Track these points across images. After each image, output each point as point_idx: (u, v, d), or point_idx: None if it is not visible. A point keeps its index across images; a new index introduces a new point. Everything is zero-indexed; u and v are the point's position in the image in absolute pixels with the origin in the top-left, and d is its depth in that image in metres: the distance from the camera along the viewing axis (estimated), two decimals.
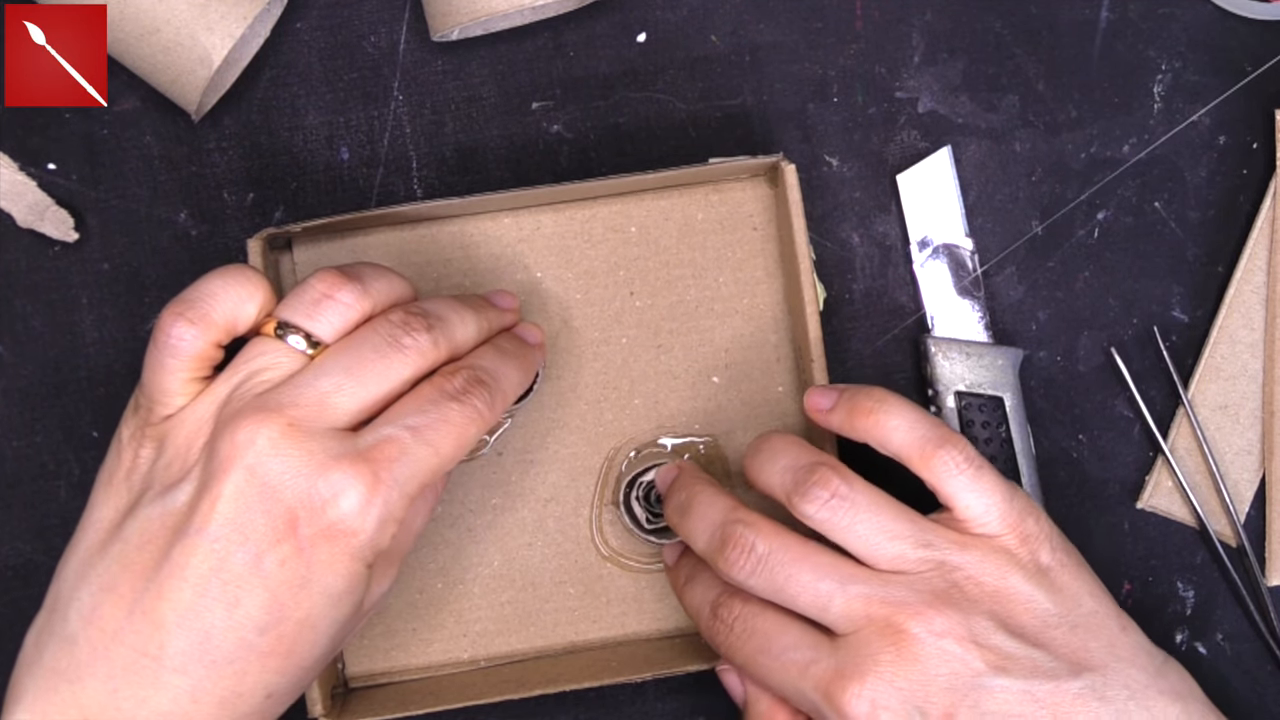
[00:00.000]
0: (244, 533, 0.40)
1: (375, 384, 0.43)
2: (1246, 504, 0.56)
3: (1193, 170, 0.57)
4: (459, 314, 0.46)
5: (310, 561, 0.41)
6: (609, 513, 0.55)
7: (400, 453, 0.42)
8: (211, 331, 0.44)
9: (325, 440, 0.41)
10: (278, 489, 0.41)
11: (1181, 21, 0.57)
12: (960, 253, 0.56)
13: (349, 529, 0.41)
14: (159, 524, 0.41)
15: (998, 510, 0.45)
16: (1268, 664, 0.56)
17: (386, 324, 0.44)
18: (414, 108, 0.56)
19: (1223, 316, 0.56)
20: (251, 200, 0.56)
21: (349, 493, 0.41)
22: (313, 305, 0.44)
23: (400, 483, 0.42)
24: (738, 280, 0.55)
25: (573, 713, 0.56)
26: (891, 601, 0.44)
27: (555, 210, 0.55)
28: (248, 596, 0.40)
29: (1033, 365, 0.56)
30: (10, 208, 0.55)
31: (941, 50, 0.57)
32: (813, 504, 0.45)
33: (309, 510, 0.41)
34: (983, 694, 0.43)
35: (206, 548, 0.40)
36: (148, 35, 0.50)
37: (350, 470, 0.41)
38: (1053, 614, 0.45)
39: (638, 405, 0.55)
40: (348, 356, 0.43)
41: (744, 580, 0.46)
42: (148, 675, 0.40)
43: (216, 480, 0.41)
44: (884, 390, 0.47)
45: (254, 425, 0.41)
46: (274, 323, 0.44)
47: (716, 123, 0.56)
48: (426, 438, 0.42)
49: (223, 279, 0.44)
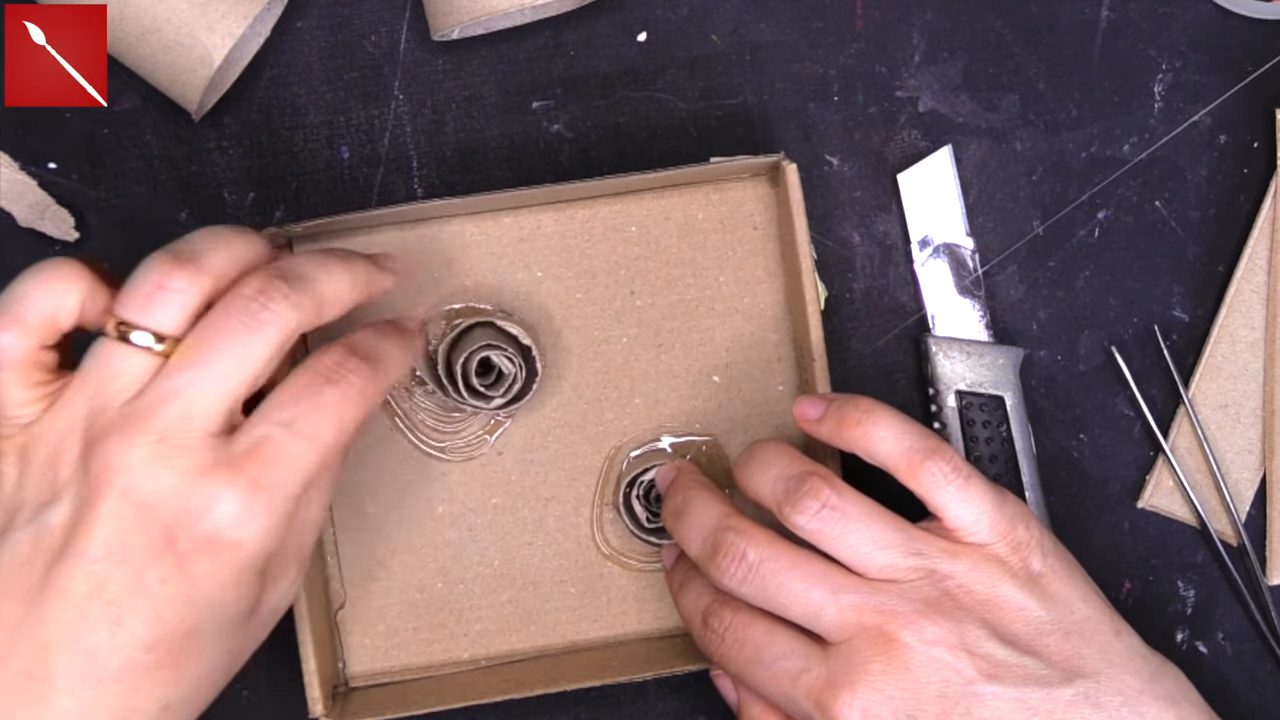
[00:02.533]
0: (122, 553, 0.40)
1: (237, 372, 0.41)
2: (1247, 503, 0.56)
3: (1193, 170, 0.57)
4: (323, 268, 0.43)
5: (192, 576, 0.40)
6: (609, 512, 0.55)
7: (275, 452, 0.40)
8: (30, 334, 0.41)
9: (198, 451, 0.40)
10: (154, 507, 0.40)
11: (1182, 21, 0.57)
12: (961, 252, 0.56)
13: (230, 540, 0.40)
14: (32, 547, 0.40)
15: (987, 519, 0.45)
16: (1268, 664, 0.56)
17: (239, 300, 0.41)
18: (414, 107, 0.56)
19: (1223, 316, 0.56)
20: (252, 200, 0.56)
21: (225, 503, 0.40)
22: (147, 299, 0.41)
23: (280, 484, 0.40)
24: (738, 280, 0.55)
25: (573, 713, 0.56)
26: (883, 610, 0.44)
27: (555, 210, 0.55)
28: (130, 615, 0.40)
29: (1033, 364, 0.56)
30: (10, 207, 0.55)
31: (942, 49, 0.57)
32: (803, 514, 0.45)
33: (185, 525, 0.40)
34: (975, 702, 0.43)
35: (86, 570, 0.40)
36: (148, 35, 0.50)
37: (224, 480, 0.40)
38: (1045, 621, 0.45)
39: (638, 405, 0.55)
40: (204, 349, 0.41)
41: (735, 588, 0.46)
42: (34, 698, 0.40)
43: (91, 505, 0.40)
44: (872, 400, 0.47)
45: (124, 445, 0.40)
46: (114, 321, 0.41)
47: (717, 122, 0.56)
48: (302, 430, 0.41)
49: (34, 277, 0.42)
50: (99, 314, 0.42)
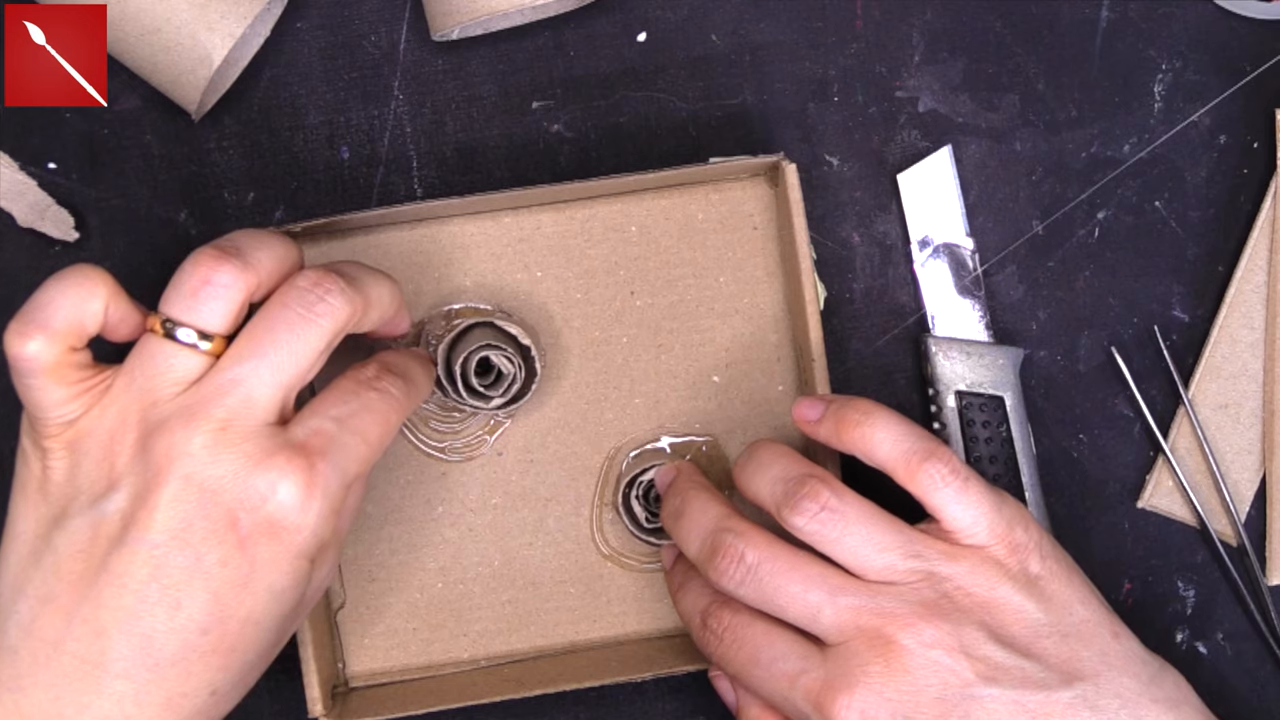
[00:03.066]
0: (183, 536, 0.40)
1: (294, 363, 0.42)
2: (1247, 503, 0.56)
3: (1193, 170, 0.57)
4: (369, 273, 0.46)
5: (253, 559, 0.41)
6: (609, 512, 0.55)
7: (331, 442, 0.42)
8: (57, 340, 0.42)
9: (258, 438, 0.41)
10: (216, 491, 0.41)
11: (1182, 21, 0.57)
12: (960, 252, 0.56)
13: (291, 524, 0.41)
14: (90, 533, 0.41)
15: (986, 521, 0.45)
16: (1268, 664, 0.56)
17: (296, 291, 0.43)
18: (414, 107, 0.56)
19: (1223, 316, 0.56)
20: (252, 200, 0.56)
21: (287, 487, 0.41)
22: (193, 295, 0.42)
23: (335, 473, 0.42)
24: (738, 280, 0.55)
25: (573, 713, 0.56)
26: (881, 612, 0.44)
27: (555, 210, 0.55)
28: (189, 598, 0.41)
29: (1033, 365, 0.56)
30: (10, 207, 0.55)
31: (942, 50, 0.57)
32: (802, 516, 0.45)
33: (248, 508, 0.41)
34: (973, 704, 0.43)
35: (145, 554, 0.40)
36: (148, 35, 0.50)
37: (286, 464, 0.41)
38: (1043, 623, 0.45)
39: (638, 405, 0.55)
40: (263, 339, 0.42)
41: (733, 589, 0.46)
42: (90, 681, 0.40)
43: (152, 489, 0.41)
44: (871, 402, 0.47)
45: (186, 432, 0.41)
46: (159, 319, 0.42)
47: (716, 122, 0.56)
48: (354, 426, 0.43)
49: (57, 284, 0.42)
50: (120, 320, 0.43)
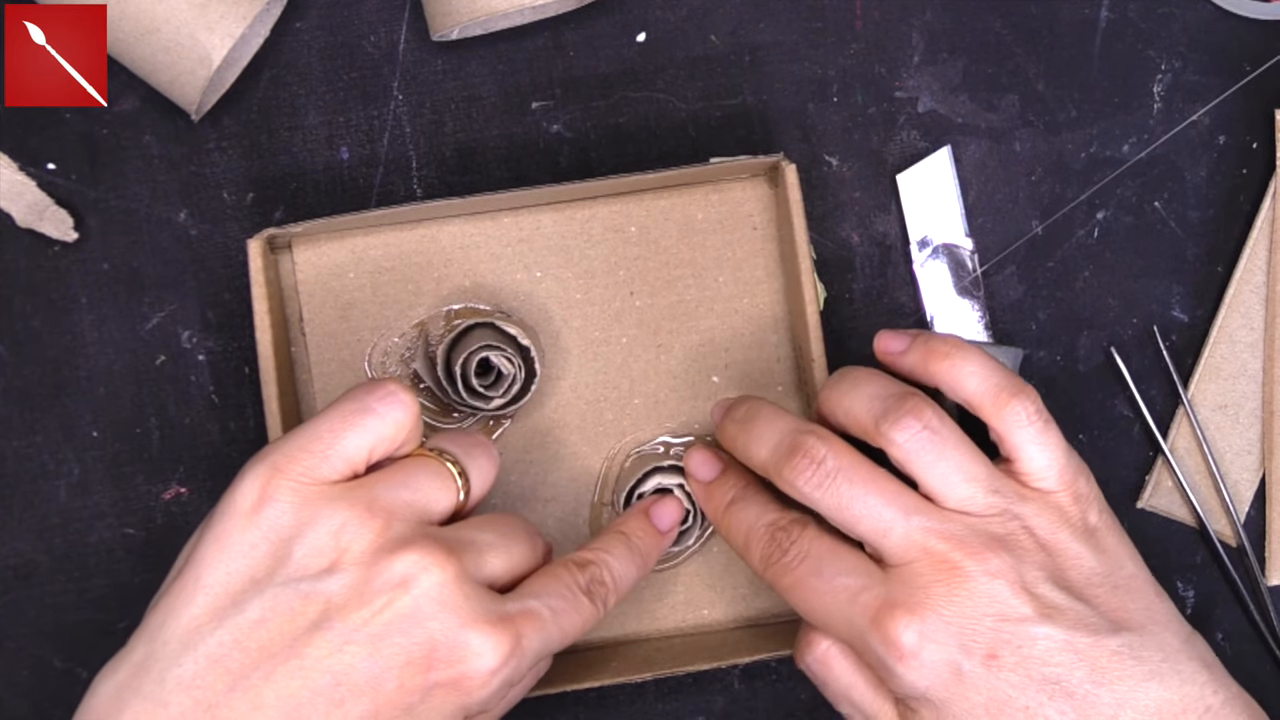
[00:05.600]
0: (380, 649, 0.41)
1: (528, 561, 0.46)
2: (1246, 504, 0.56)
3: (1193, 170, 0.57)
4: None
5: (427, 698, 0.42)
6: (609, 512, 0.55)
7: (540, 627, 0.44)
8: (410, 423, 0.45)
9: (483, 597, 0.43)
10: (428, 626, 0.42)
11: (1181, 21, 0.57)
12: (960, 252, 0.56)
13: (475, 685, 0.42)
14: (288, 608, 0.41)
15: (1057, 467, 0.46)
16: (1267, 664, 0.56)
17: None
18: (414, 107, 0.56)
19: (1222, 316, 0.56)
20: (251, 200, 0.56)
21: (489, 652, 0.42)
22: (467, 451, 0.47)
23: (531, 652, 0.44)
24: (738, 280, 0.55)
25: (573, 712, 0.56)
26: (951, 537, 0.44)
27: (555, 210, 0.55)
28: (354, 703, 0.41)
29: (1033, 365, 0.56)
30: (10, 208, 0.55)
31: (941, 50, 0.57)
32: (904, 432, 0.45)
33: (448, 656, 0.42)
34: (1027, 639, 0.43)
35: (338, 649, 0.41)
36: (148, 35, 0.50)
37: (497, 633, 0.42)
38: (1097, 572, 0.45)
39: (638, 405, 0.55)
40: (512, 527, 0.47)
41: (808, 492, 0.45)
42: None
43: (375, 595, 0.41)
44: (958, 337, 0.47)
45: (430, 561, 0.42)
46: (436, 450, 0.46)
47: (716, 122, 0.56)
48: (562, 622, 0.45)
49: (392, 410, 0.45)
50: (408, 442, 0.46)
